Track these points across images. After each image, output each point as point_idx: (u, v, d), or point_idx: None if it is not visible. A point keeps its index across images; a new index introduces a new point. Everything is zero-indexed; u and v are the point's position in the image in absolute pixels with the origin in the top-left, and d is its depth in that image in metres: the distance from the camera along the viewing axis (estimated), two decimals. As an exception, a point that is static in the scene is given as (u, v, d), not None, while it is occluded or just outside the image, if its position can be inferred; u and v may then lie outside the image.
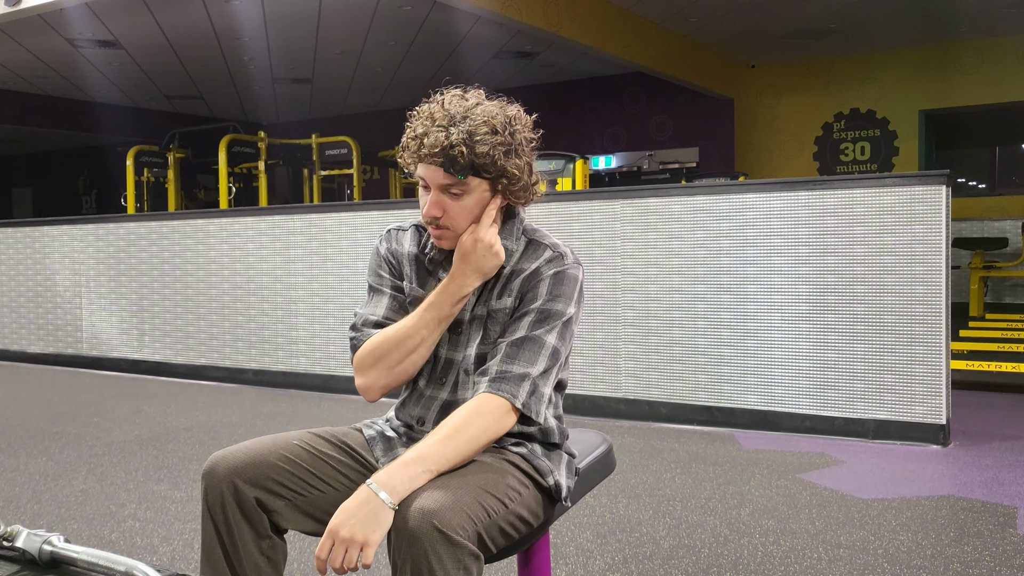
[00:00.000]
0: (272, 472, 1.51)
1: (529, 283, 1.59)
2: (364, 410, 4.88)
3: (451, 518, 1.30)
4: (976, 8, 9.14)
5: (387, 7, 8.81)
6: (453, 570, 1.30)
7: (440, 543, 1.29)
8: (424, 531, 1.29)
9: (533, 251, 1.62)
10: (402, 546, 1.30)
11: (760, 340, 4.23)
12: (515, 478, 1.51)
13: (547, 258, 1.60)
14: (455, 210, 1.56)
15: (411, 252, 1.70)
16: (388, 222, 5.34)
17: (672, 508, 3.05)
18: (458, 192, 1.54)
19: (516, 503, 1.48)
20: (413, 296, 1.68)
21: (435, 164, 1.53)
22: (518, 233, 1.64)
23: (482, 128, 1.52)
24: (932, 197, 3.84)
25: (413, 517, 1.30)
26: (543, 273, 1.58)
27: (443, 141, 1.50)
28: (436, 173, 1.54)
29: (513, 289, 1.60)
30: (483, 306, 1.62)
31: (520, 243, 1.63)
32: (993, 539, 2.70)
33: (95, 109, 13.88)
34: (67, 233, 6.92)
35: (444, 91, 1.61)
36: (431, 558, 1.28)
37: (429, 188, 1.57)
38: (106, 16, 8.99)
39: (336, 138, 10.49)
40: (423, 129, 1.54)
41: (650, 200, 4.50)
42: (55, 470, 3.68)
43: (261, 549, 1.50)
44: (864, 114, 11.39)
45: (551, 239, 1.64)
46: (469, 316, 1.63)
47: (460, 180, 1.53)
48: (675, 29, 10.04)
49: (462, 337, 1.63)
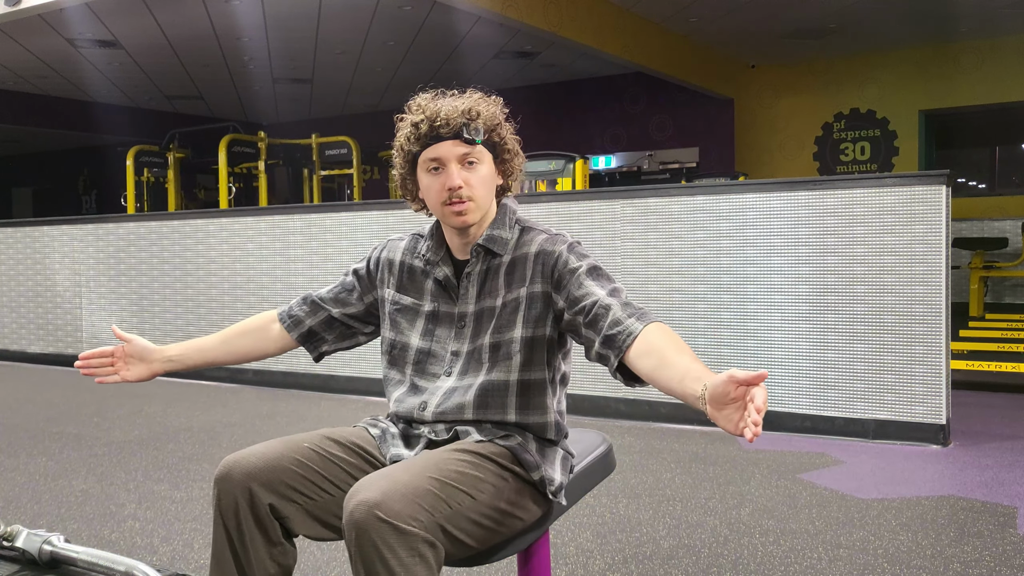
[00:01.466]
0: (286, 477, 1.50)
1: (546, 263, 1.61)
2: (363, 409, 4.88)
3: (396, 507, 1.30)
4: (976, 8, 9.14)
5: (387, 7, 8.81)
6: (407, 558, 1.30)
7: (388, 533, 1.29)
8: (369, 522, 1.29)
9: (528, 237, 1.66)
10: (352, 538, 1.31)
11: (760, 340, 4.23)
12: (488, 471, 1.50)
13: (545, 239, 1.65)
14: (475, 180, 1.61)
15: (402, 260, 1.74)
16: (388, 222, 5.38)
17: (672, 508, 3.05)
18: (474, 160, 1.61)
19: (489, 495, 1.47)
20: (399, 303, 1.71)
21: (451, 135, 1.59)
22: (511, 223, 1.69)
23: (481, 102, 1.64)
24: (932, 197, 3.84)
25: (357, 510, 1.30)
26: (556, 250, 1.62)
27: (454, 110, 1.59)
28: (451, 146, 1.60)
29: (525, 276, 1.62)
30: (490, 298, 1.63)
31: (514, 232, 1.68)
32: (993, 539, 2.70)
33: (95, 109, 13.87)
34: (67, 233, 6.92)
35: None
36: (381, 548, 1.29)
37: (439, 169, 1.61)
38: (106, 16, 8.99)
39: (336, 138, 10.49)
40: (430, 111, 1.61)
41: (650, 200, 4.50)
42: (55, 470, 3.68)
43: (272, 555, 1.50)
44: (864, 114, 11.39)
45: (543, 226, 1.70)
46: (473, 309, 1.64)
47: (476, 146, 1.60)
48: (675, 29, 10.04)
49: (466, 329, 1.64)
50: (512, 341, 1.60)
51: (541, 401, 1.63)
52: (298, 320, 1.84)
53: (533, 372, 1.62)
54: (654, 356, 1.43)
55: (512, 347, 1.60)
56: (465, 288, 1.65)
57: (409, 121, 1.63)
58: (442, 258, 1.68)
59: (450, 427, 1.61)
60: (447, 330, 1.66)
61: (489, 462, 1.52)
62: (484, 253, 1.65)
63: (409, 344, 1.68)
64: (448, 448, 1.54)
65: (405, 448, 1.62)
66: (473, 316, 1.64)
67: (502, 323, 1.61)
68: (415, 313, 1.69)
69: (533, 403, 1.62)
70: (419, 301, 1.70)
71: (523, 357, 1.60)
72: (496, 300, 1.63)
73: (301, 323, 1.84)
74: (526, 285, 1.61)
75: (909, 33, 10.25)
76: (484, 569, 2.45)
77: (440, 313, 1.67)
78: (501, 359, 1.61)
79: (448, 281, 1.67)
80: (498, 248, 1.65)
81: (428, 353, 1.67)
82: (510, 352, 1.60)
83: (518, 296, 1.62)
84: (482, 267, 1.65)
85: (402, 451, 1.61)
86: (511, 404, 1.61)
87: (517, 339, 1.60)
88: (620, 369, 1.51)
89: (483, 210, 1.64)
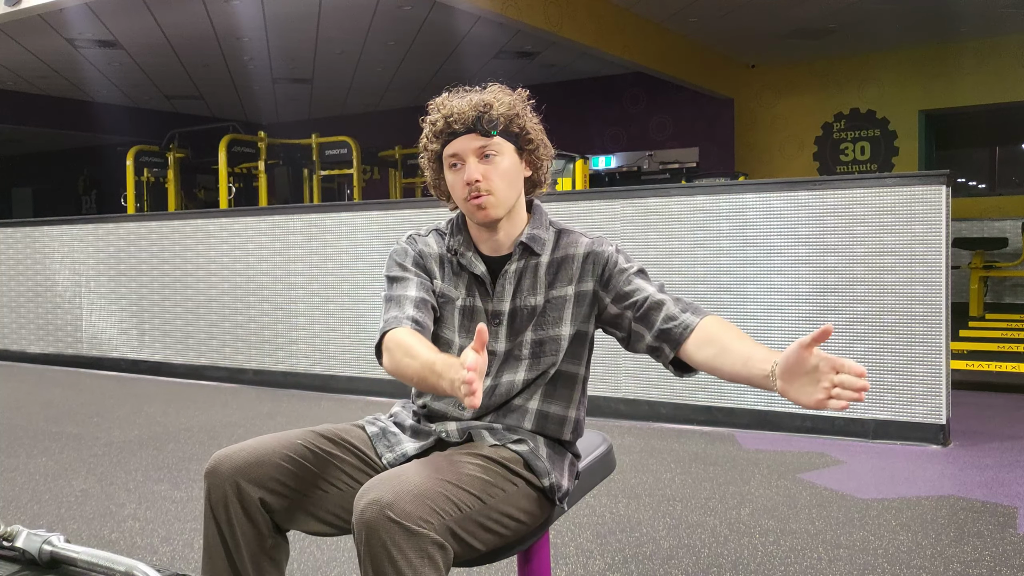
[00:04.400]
0: (275, 472, 1.50)
1: (596, 263, 1.64)
2: (364, 410, 4.88)
3: (408, 508, 1.30)
4: (976, 8, 9.14)
5: (387, 7, 8.81)
6: (416, 559, 1.30)
7: (398, 533, 1.29)
8: (380, 522, 1.29)
9: (567, 239, 1.68)
10: (362, 538, 1.31)
11: (760, 340, 4.22)
12: (498, 475, 1.50)
13: (588, 242, 1.67)
14: (493, 173, 1.61)
15: (439, 252, 1.71)
16: (388, 222, 5.38)
17: (672, 508, 3.05)
18: (492, 153, 1.61)
19: (499, 499, 1.47)
20: (445, 294, 1.68)
21: (466, 129, 1.60)
22: (547, 223, 1.71)
23: (499, 92, 1.65)
24: (932, 197, 3.84)
25: (369, 510, 1.30)
26: (605, 252, 1.65)
27: (468, 105, 1.61)
28: (467, 141, 1.60)
29: (571, 275, 1.64)
30: (531, 295, 1.64)
31: (550, 233, 1.69)
32: (993, 539, 2.70)
33: (95, 109, 13.87)
34: (67, 233, 6.92)
35: None
36: (391, 548, 1.28)
37: (458, 165, 1.62)
38: (106, 16, 8.98)
39: (336, 138, 10.48)
40: (446, 108, 1.62)
41: (650, 200, 4.50)
42: (55, 470, 3.68)
43: (263, 549, 1.50)
44: (864, 114, 11.39)
45: (579, 229, 1.72)
46: (509, 307, 1.64)
47: (492, 138, 1.60)
48: (675, 29, 10.04)
49: (501, 328, 1.64)
50: (560, 338, 1.64)
51: (567, 393, 1.67)
52: (427, 328, 1.63)
53: (569, 365, 1.66)
54: (715, 345, 1.47)
55: (560, 343, 1.64)
56: (501, 286, 1.65)
57: (428, 120, 1.65)
58: (473, 254, 1.68)
59: (464, 431, 1.61)
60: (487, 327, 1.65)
61: (500, 467, 1.52)
62: (525, 251, 1.66)
63: (452, 342, 1.67)
64: (460, 451, 1.54)
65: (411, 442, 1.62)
66: (508, 315, 1.64)
67: (547, 320, 1.63)
68: (452, 307, 1.68)
69: (559, 393, 1.66)
70: (455, 295, 1.68)
71: (566, 353, 1.65)
72: (536, 298, 1.64)
73: (429, 331, 1.64)
74: (574, 283, 1.64)
75: (909, 33, 10.25)
76: (484, 569, 2.45)
77: (475, 309, 1.66)
78: (546, 354, 1.63)
79: (485, 277, 1.66)
80: (537, 248, 1.66)
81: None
82: (557, 348, 1.63)
83: (566, 294, 1.64)
84: (519, 266, 1.66)
85: (407, 447, 1.61)
86: (537, 393, 1.64)
87: (565, 336, 1.64)
88: (674, 361, 1.56)
89: (506, 204, 1.62)
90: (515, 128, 1.63)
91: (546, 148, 1.69)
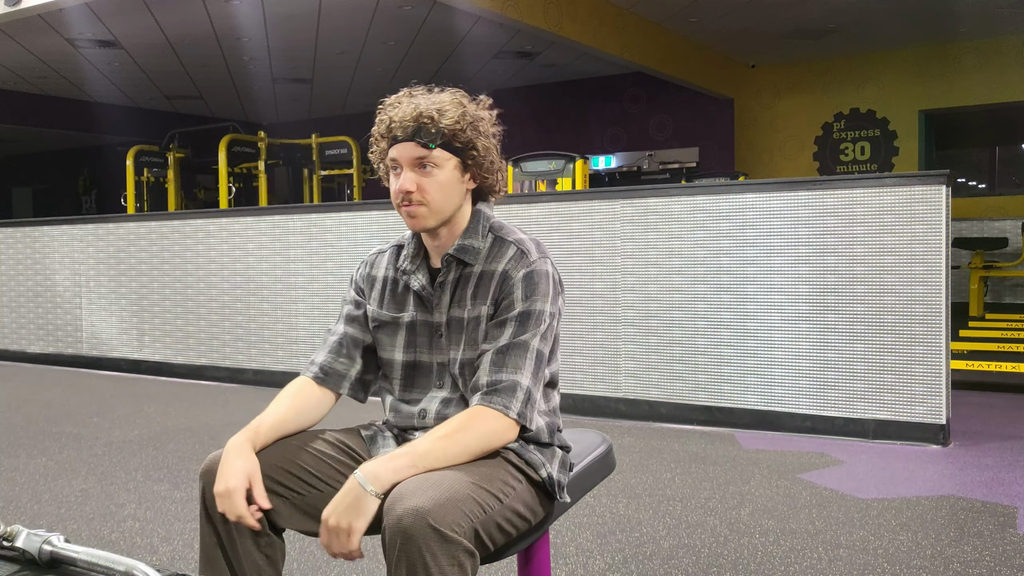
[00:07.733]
0: (271, 472, 1.51)
1: (502, 289, 1.59)
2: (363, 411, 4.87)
3: (446, 516, 1.31)
4: (976, 8, 9.14)
5: (387, 7, 8.81)
6: (448, 567, 1.30)
7: (435, 541, 1.29)
8: (418, 529, 1.29)
9: (499, 249, 1.63)
10: (396, 544, 1.30)
11: (760, 340, 4.23)
12: (508, 472, 1.51)
13: (512, 256, 1.60)
14: (429, 185, 1.58)
15: (386, 276, 1.72)
16: (388, 222, 5.38)
17: (672, 508, 3.05)
18: (430, 165, 1.57)
19: (511, 498, 1.48)
20: (379, 319, 1.69)
21: (405, 137, 1.56)
22: (484, 231, 1.65)
23: (448, 103, 1.58)
24: (932, 197, 3.84)
25: (408, 516, 1.29)
26: (513, 276, 1.58)
27: (412, 112, 1.56)
28: (407, 148, 1.57)
29: (487, 294, 1.60)
30: (459, 308, 1.62)
31: (487, 240, 1.64)
32: (993, 539, 2.70)
33: (95, 109, 13.87)
34: (67, 233, 6.92)
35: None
36: (425, 556, 1.28)
37: (398, 170, 1.60)
38: (106, 16, 8.99)
39: (336, 138, 10.49)
40: (393, 111, 1.59)
41: (650, 200, 4.50)
42: (55, 470, 3.68)
43: (259, 547, 1.50)
44: (864, 114, 11.39)
45: (516, 234, 1.65)
46: (446, 318, 1.63)
47: (431, 151, 1.56)
48: (675, 29, 10.04)
49: (443, 340, 1.63)
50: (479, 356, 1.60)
51: None
52: (340, 374, 1.69)
53: None
54: (444, 424, 1.49)
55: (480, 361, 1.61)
56: (438, 297, 1.64)
57: (378, 119, 1.63)
58: (419, 266, 1.67)
59: None
60: (427, 340, 1.65)
61: (507, 463, 1.53)
62: (455, 263, 1.63)
63: (393, 360, 1.68)
64: None
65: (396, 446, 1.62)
66: (446, 325, 1.63)
67: (471, 338, 1.61)
68: (395, 327, 1.68)
69: None
70: (399, 313, 1.68)
71: None
72: (463, 312, 1.62)
73: (344, 376, 1.69)
74: (487, 303, 1.60)
75: (909, 33, 10.25)
76: (484, 569, 2.45)
77: (419, 323, 1.66)
78: (468, 374, 1.61)
79: (424, 290, 1.65)
80: (469, 258, 1.62)
81: (414, 366, 1.66)
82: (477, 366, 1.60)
83: (480, 313, 1.60)
84: (454, 276, 1.63)
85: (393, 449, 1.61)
86: None
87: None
88: None
89: (439, 215, 1.60)
90: (458, 143, 1.57)
91: (493, 161, 1.64)
